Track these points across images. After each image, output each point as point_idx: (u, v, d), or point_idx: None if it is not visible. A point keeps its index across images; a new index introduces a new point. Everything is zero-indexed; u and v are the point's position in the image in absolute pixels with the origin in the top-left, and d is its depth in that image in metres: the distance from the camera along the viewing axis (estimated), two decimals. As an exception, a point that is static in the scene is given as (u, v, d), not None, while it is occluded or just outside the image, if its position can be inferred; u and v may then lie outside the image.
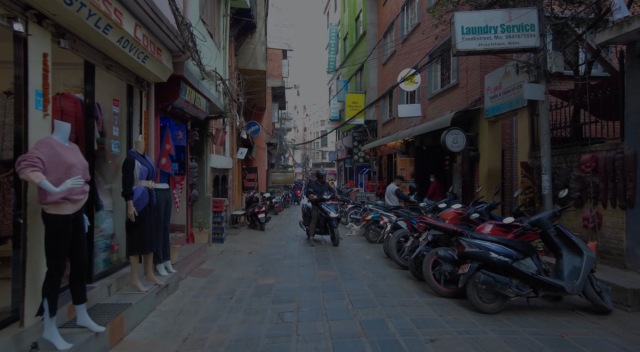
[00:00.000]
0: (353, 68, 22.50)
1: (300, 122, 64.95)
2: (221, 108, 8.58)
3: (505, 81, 8.14)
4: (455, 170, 11.10)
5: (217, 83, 8.17)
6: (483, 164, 9.36)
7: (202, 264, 7.34)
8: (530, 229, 4.86)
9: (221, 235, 9.68)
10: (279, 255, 8.28)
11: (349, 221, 12.20)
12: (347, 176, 29.87)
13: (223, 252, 8.71)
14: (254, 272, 6.79)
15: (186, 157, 7.56)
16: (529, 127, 7.45)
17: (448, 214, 6.96)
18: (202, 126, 9.04)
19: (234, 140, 12.78)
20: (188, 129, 7.60)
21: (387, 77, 17.70)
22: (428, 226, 5.56)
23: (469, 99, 10.02)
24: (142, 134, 5.16)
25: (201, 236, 7.69)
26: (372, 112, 20.24)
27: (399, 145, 15.91)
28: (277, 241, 10.16)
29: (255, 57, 13.42)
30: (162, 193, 5.47)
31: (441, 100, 11.83)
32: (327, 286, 5.75)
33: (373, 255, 8.08)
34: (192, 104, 6.61)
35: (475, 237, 4.74)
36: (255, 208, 12.21)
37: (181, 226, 7.52)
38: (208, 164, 9.31)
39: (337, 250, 8.69)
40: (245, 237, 10.80)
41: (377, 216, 9.15)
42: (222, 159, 10.91)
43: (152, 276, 4.95)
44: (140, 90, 5.40)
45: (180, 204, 7.54)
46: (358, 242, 9.81)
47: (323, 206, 9.59)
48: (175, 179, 7.55)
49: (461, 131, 9.53)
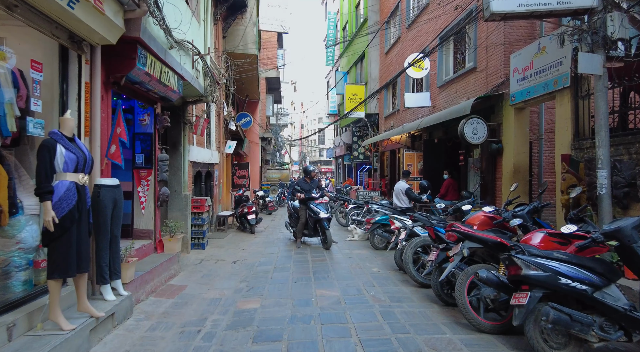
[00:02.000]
0: (353, 58, 21.13)
1: (297, 119, 63.58)
2: (200, 90, 7.21)
3: (539, 59, 6.81)
4: (471, 166, 9.78)
5: (195, 59, 6.80)
6: (507, 158, 8.03)
7: (172, 278, 5.98)
8: (601, 242, 3.53)
9: (202, 240, 8.32)
10: (268, 265, 6.92)
11: (350, 223, 10.85)
12: (346, 173, 28.52)
13: (202, 261, 7.35)
14: (235, 290, 5.44)
15: (154, 147, 6.19)
16: (573, 112, 6.12)
17: (476, 219, 5.62)
18: (178, 112, 7.66)
19: (221, 132, 11.41)
20: (157, 113, 6.23)
21: (391, 66, 16.35)
22: (462, 236, 4.22)
23: (490, 84, 8.69)
24: (70, 111, 3.76)
25: (173, 243, 6.33)
26: (374, 105, 18.89)
27: (404, 140, 14.57)
28: (268, 247, 8.81)
29: (245, 40, 12.04)
30: (109, 191, 4.12)
31: (455, 87, 10.49)
32: (327, 313, 4.40)
33: (381, 266, 6.74)
34: (157, 79, 5.24)
35: (533, 253, 3.40)
36: (245, 208, 10.85)
37: (147, 231, 6.16)
38: (186, 156, 7.94)
39: (337, 260, 7.34)
40: (231, 241, 9.44)
41: (384, 218, 7.81)
42: (205, 152, 9.53)
43: (87, 305, 3.58)
44: (79, 54, 4.03)
45: (147, 204, 6.17)
46: (361, 248, 8.46)
47: (312, 206, 8.34)
48: (141, 173, 6.19)
49: (482, 120, 8.20)
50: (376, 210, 8.22)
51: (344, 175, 29.17)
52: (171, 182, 7.84)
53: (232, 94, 12.02)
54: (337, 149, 29.37)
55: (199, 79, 7.38)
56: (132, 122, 6.30)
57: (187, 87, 6.69)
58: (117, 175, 6.36)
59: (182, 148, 7.87)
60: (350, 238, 9.48)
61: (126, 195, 6.28)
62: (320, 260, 7.22)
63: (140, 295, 4.89)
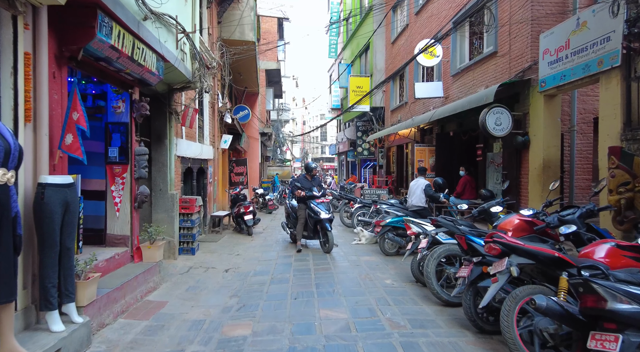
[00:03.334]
0: (357, 49, 20.14)
1: (299, 115, 62.66)
2: (186, 75, 6.30)
3: (578, 37, 5.87)
4: (490, 162, 8.84)
5: (179, 38, 5.89)
6: (535, 153, 7.10)
7: (151, 292, 5.10)
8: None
9: (191, 244, 7.44)
10: (265, 275, 6.03)
11: (357, 225, 9.96)
12: (349, 170, 27.59)
13: (190, 269, 6.48)
14: (224, 309, 4.55)
15: (130, 138, 5.29)
16: (624, 96, 5.18)
17: (509, 223, 4.72)
18: (162, 100, 6.77)
19: (215, 125, 10.50)
20: (134, 99, 5.32)
21: (398, 56, 15.38)
22: (508, 249, 3.31)
23: (513, 70, 7.74)
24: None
25: (153, 251, 5.44)
26: (379, 98, 17.93)
27: (412, 134, 13.63)
28: (266, 251, 7.91)
29: (242, 26, 11.11)
30: (58, 192, 3.25)
31: (471, 75, 9.54)
32: (334, 345, 3.50)
33: (395, 277, 5.83)
34: (128, 56, 4.33)
35: (620, 278, 2.49)
36: (241, 208, 9.95)
37: (122, 237, 5.27)
38: (172, 151, 7.05)
39: (343, 268, 6.44)
40: (226, 245, 8.55)
41: (396, 221, 6.90)
42: (196, 146, 8.64)
43: (13, 347, 2.69)
44: (13, 14, 3.12)
45: (122, 206, 5.28)
46: (370, 253, 7.56)
47: (312, 205, 7.59)
48: (115, 170, 5.29)
49: (506, 110, 7.26)
50: (387, 211, 7.30)
51: (347, 172, 28.24)
52: (155, 179, 6.96)
53: (228, 84, 11.11)
54: (340, 145, 28.43)
55: (186, 62, 6.47)
56: (104, 109, 5.40)
57: (170, 70, 5.78)
58: (87, 172, 5.50)
59: (168, 141, 6.98)
60: (357, 241, 8.58)
61: (98, 195, 5.41)
62: (324, 268, 6.32)
63: (106, 318, 4.01)
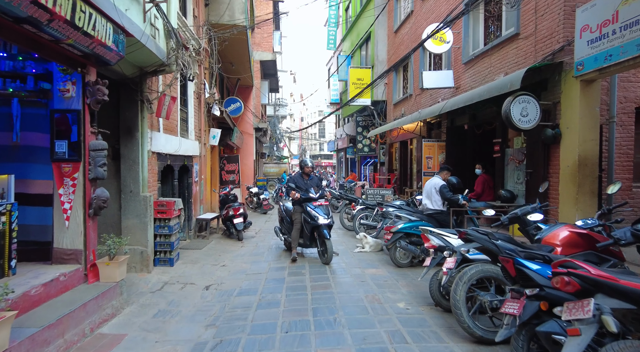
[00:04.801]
0: (357, 40, 19.07)
1: (296, 111, 61.58)
2: (159, 55, 5.26)
3: (630, 7, 4.86)
4: (510, 159, 7.85)
5: (148, 9, 4.85)
6: (568, 148, 6.11)
7: (108, 321, 4.08)
8: None
9: (170, 254, 6.42)
10: (251, 295, 5.03)
11: (359, 228, 8.96)
12: (349, 167, 26.57)
13: (165, 285, 5.47)
14: (194, 347, 3.55)
15: (83, 130, 4.26)
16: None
17: (557, 236, 3.74)
18: (133, 86, 5.73)
19: (202, 119, 9.46)
20: (87, 82, 4.29)
21: (401, 46, 14.35)
22: (591, 285, 2.30)
23: (540, 52, 6.73)
24: None
25: (112, 268, 4.41)
26: (381, 91, 16.90)
27: (418, 129, 12.63)
28: (256, 261, 6.90)
29: (232, 8, 10.05)
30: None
31: (487, 61, 8.52)
32: None
33: (409, 298, 4.83)
34: (66, 21, 3.30)
35: None
36: (230, 210, 8.93)
37: (73, 252, 4.25)
38: (145, 146, 6.02)
39: (346, 285, 5.43)
40: (211, 253, 7.53)
41: (410, 227, 5.91)
42: (178, 141, 7.60)
43: None
44: None
45: (73, 213, 4.26)
46: (376, 264, 6.55)
47: (309, 208, 6.64)
48: (64, 169, 4.27)
49: (534, 98, 6.26)
50: (397, 215, 6.29)
51: (347, 169, 27.21)
52: (125, 179, 5.94)
53: (216, 73, 10.06)
54: (339, 141, 27.40)
55: (158, 39, 5.44)
56: (50, 94, 4.37)
57: (135, 47, 4.74)
58: (28, 171, 4.47)
59: (140, 134, 5.95)
60: (360, 249, 7.56)
61: (44, 200, 4.39)
62: (323, 286, 5.30)
63: (31, 367, 3.00)
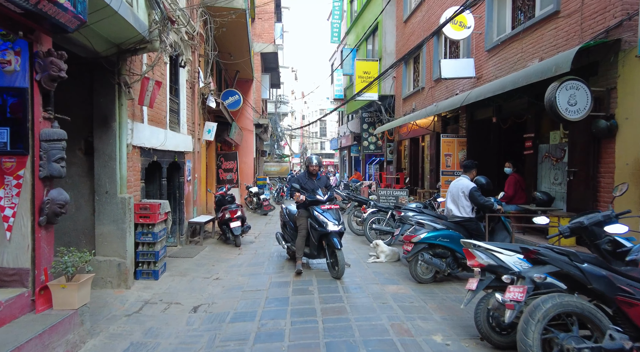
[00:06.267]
0: (363, 32, 18.08)
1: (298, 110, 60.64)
2: (137, 27, 4.29)
3: None
4: (545, 156, 6.88)
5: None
6: (628, 142, 5.14)
7: (57, 365, 3.12)
8: None
9: (154, 266, 5.47)
10: (249, 320, 4.07)
11: (369, 232, 7.99)
12: (352, 166, 25.58)
13: (145, 306, 4.52)
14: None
15: (30, 114, 3.30)
16: None
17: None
18: (107, 66, 4.76)
19: (196, 110, 8.48)
20: (37, 52, 3.32)
21: (412, 36, 13.36)
22: None
23: (587, 31, 5.77)
24: None
25: (70, 292, 3.44)
26: (389, 86, 15.92)
27: (431, 124, 11.66)
28: (255, 274, 5.95)
29: (229, -11, 9.07)
30: None
31: (516, 46, 7.53)
32: None
33: (445, 329, 3.86)
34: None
35: None
36: (227, 213, 7.96)
37: (15, 272, 3.28)
38: (124, 138, 5.07)
39: (364, 308, 4.46)
40: (204, 262, 6.58)
41: (435, 236, 4.95)
42: (166, 135, 6.62)
43: None
44: None
45: (17, 222, 3.29)
46: (396, 279, 5.58)
47: (316, 213, 5.64)
48: (4, 164, 3.31)
49: (584, 84, 5.29)
50: (420, 222, 5.31)
51: (350, 168, 26.23)
52: (99, 178, 4.99)
53: (212, 60, 9.09)
54: (343, 139, 26.41)
55: (137, 8, 4.47)
56: (-12, 67, 3.40)
57: (103, 12, 3.77)
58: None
59: (118, 125, 4.99)
60: (374, 259, 6.60)
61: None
62: (336, 311, 4.33)
63: None
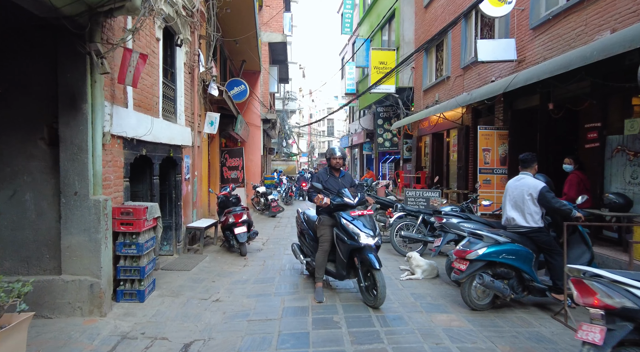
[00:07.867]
0: (377, 22, 16.89)
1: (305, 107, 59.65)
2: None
3: None
4: (617, 150, 5.66)
5: None
6: None
7: None
8: None
9: (139, 285, 4.37)
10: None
11: (398, 243, 6.83)
12: (364, 165, 24.39)
13: (120, 344, 3.42)
14: None
15: None
16: None
17: None
18: (74, 30, 3.65)
19: (195, 98, 7.38)
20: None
21: (435, 22, 12.15)
22: None
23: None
24: None
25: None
26: (407, 77, 14.75)
27: (459, 117, 10.47)
28: (263, 296, 4.81)
29: (234, -39, 7.98)
30: None
31: (574, 19, 6.33)
32: None
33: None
34: None
35: None
36: (231, 217, 6.84)
37: None
38: (98, 125, 3.97)
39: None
40: (203, 276, 5.46)
41: (496, 252, 3.79)
42: (155, 123, 5.50)
43: None
44: None
45: None
46: (442, 303, 4.43)
47: (345, 221, 4.33)
48: None
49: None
50: (476, 233, 4.13)
51: (362, 167, 25.04)
52: (66, 175, 3.90)
53: (214, 42, 7.99)
54: (354, 136, 25.23)
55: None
56: None
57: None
58: None
59: (91, 108, 3.90)
60: (408, 275, 5.42)
61: None
62: (376, 355, 3.20)
63: None
